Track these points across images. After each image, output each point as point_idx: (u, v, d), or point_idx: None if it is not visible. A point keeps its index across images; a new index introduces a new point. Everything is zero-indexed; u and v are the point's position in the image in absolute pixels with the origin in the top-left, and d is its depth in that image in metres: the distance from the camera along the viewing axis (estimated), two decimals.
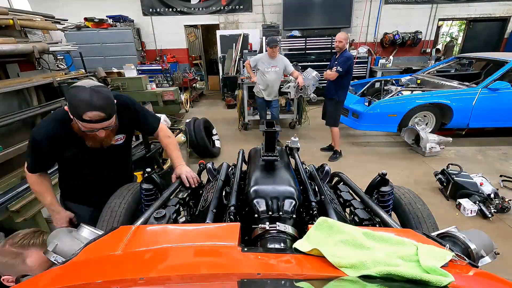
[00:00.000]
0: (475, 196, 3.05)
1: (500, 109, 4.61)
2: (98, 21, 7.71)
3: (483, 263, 0.79)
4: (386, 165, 4.17)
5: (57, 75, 3.35)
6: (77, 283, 0.64)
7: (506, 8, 8.38)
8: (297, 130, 5.90)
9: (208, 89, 10.48)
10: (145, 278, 0.63)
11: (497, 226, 2.82)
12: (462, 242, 0.79)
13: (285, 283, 0.61)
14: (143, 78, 4.46)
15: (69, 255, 0.79)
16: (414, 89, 5.20)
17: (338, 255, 0.66)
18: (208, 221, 1.06)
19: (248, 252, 0.71)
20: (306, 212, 1.16)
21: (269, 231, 0.94)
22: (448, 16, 8.63)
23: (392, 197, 1.40)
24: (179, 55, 9.15)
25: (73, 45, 4.09)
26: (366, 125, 4.85)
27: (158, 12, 8.61)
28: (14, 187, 2.18)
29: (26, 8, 4.15)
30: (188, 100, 7.82)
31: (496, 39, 8.85)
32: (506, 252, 2.34)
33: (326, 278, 0.63)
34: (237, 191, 1.24)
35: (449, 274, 0.59)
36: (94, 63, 6.99)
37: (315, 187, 1.38)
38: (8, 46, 2.77)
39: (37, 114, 3.06)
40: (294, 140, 1.81)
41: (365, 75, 8.26)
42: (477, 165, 4.08)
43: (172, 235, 0.84)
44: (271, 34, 7.90)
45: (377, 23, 8.57)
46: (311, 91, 5.12)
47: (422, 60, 8.80)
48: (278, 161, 1.28)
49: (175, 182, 1.51)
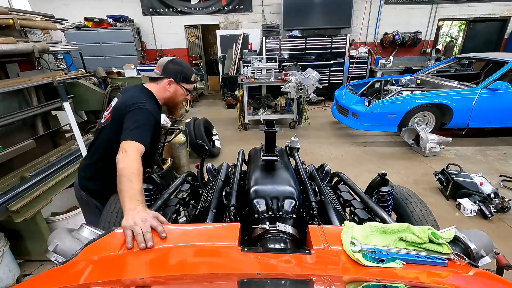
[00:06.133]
0: (475, 196, 3.05)
1: (500, 109, 4.61)
2: (98, 21, 7.70)
3: (483, 263, 0.79)
4: (386, 165, 4.17)
5: (57, 75, 3.35)
6: (77, 283, 0.64)
7: (506, 8, 8.38)
8: (297, 130, 5.90)
9: (208, 89, 10.48)
10: (145, 278, 0.63)
11: (497, 226, 2.82)
12: (462, 242, 0.79)
13: (285, 283, 0.61)
14: (143, 78, 4.45)
15: (69, 255, 0.79)
16: (414, 89, 5.20)
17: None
18: (208, 221, 1.06)
19: (248, 252, 0.71)
20: (306, 212, 1.16)
21: (269, 231, 0.94)
22: (448, 16, 8.63)
23: (392, 197, 1.40)
24: (179, 55, 9.13)
25: (73, 45, 4.09)
26: (366, 125, 4.85)
27: (158, 12, 8.61)
28: (14, 187, 2.18)
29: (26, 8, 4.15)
30: (188, 100, 7.82)
31: (496, 39, 8.85)
32: (506, 252, 2.33)
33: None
34: (237, 191, 1.24)
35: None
36: (94, 63, 6.97)
37: (315, 187, 1.39)
38: (8, 46, 2.76)
39: (37, 114, 3.06)
40: (294, 140, 1.81)
41: (365, 75, 8.27)
42: (477, 165, 4.08)
43: (172, 235, 0.84)
44: (271, 34, 7.91)
45: (377, 23, 8.57)
46: (311, 91, 5.12)
47: (422, 60, 8.80)
48: (278, 161, 1.28)
49: (175, 182, 1.50)
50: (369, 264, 0.67)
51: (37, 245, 2.29)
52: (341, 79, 8.12)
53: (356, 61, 8.13)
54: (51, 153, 2.92)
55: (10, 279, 2.16)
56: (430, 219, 1.33)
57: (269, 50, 7.85)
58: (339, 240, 0.77)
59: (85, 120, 4.27)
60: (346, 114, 5.18)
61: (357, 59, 8.12)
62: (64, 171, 2.51)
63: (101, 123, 1.58)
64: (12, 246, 2.20)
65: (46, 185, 2.27)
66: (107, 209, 1.40)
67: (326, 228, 0.85)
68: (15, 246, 2.25)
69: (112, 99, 1.63)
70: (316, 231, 0.82)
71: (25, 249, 2.32)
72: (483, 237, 0.83)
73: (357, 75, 8.26)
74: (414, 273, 0.66)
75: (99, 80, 4.18)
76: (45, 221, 2.28)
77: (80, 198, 1.71)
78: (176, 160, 3.89)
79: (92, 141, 1.66)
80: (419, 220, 1.32)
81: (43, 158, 2.80)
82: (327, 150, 4.81)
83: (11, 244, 2.18)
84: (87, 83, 3.89)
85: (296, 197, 1.07)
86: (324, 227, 0.84)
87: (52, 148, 3.26)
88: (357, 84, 6.19)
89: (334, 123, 6.18)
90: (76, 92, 3.79)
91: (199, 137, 4.18)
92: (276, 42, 7.80)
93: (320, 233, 0.81)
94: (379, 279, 0.61)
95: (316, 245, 0.76)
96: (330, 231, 0.83)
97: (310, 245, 0.78)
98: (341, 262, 0.70)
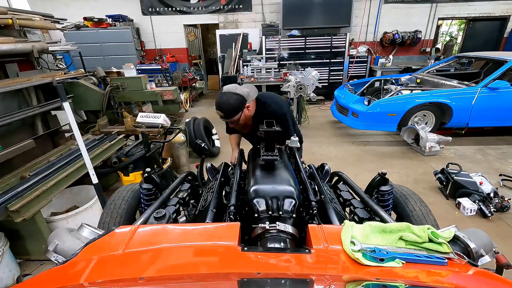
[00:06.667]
0: (474, 195, 3.05)
1: (500, 108, 4.61)
2: (98, 21, 7.69)
3: (483, 262, 0.79)
4: (386, 165, 4.17)
5: (56, 74, 3.35)
6: (77, 283, 0.64)
7: (506, 7, 8.37)
8: None
9: (208, 89, 10.47)
10: (145, 278, 0.63)
11: (497, 225, 2.82)
12: (462, 241, 0.79)
13: (285, 282, 0.61)
14: (142, 78, 4.43)
15: (69, 255, 0.79)
16: (414, 88, 5.20)
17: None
18: (208, 221, 1.06)
19: (248, 252, 0.72)
20: (306, 212, 1.16)
21: (269, 231, 0.94)
22: (448, 15, 8.62)
23: (392, 196, 1.40)
24: (179, 54, 9.13)
25: (72, 45, 4.09)
26: (365, 124, 4.85)
27: (158, 11, 8.60)
28: (14, 187, 2.18)
29: (25, 8, 4.13)
30: (188, 99, 7.80)
31: (495, 38, 8.85)
32: (505, 251, 2.34)
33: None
34: (237, 191, 1.24)
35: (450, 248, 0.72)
36: (94, 62, 6.97)
37: (315, 186, 1.39)
38: (7, 45, 2.76)
39: (37, 113, 3.06)
40: (294, 140, 1.81)
41: (365, 75, 8.27)
42: (476, 164, 4.08)
43: (172, 235, 0.84)
44: (270, 34, 7.89)
45: (376, 22, 8.57)
46: (311, 90, 5.12)
47: (421, 59, 8.81)
48: (278, 161, 1.28)
49: (175, 182, 1.51)
50: (369, 263, 0.67)
51: (37, 245, 2.28)
52: (340, 78, 8.12)
53: (355, 61, 8.12)
54: (50, 153, 2.92)
55: (10, 279, 2.16)
56: (429, 219, 1.33)
57: (269, 50, 7.84)
58: (339, 239, 0.77)
59: (84, 120, 4.27)
60: (346, 113, 5.17)
61: (357, 58, 8.12)
62: (64, 171, 2.51)
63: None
64: (12, 246, 2.20)
65: (46, 185, 2.26)
66: (106, 209, 1.40)
67: (326, 227, 0.85)
68: (15, 246, 2.25)
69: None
70: (316, 230, 0.82)
71: (25, 249, 2.32)
72: (483, 237, 0.84)
73: (356, 74, 8.25)
74: (414, 272, 0.66)
75: (99, 79, 4.18)
76: (45, 221, 2.28)
77: None
78: (176, 159, 3.89)
79: None
80: (418, 219, 1.32)
81: (42, 158, 2.80)
82: (327, 150, 4.81)
83: (11, 244, 2.18)
84: (86, 83, 3.89)
85: (296, 197, 1.07)
86: (324, 227, 0.84)
87: (52, 148, 3.26)
88: (356, 84, 6.18)
89: (334, 122, 6.18)
90: (76, 92, 3.79)
91: (199, 137, 4.17)
92: (275, 41, 7.79)
93: (320, 233, 0.81)
94: (379, 279, 0.61)
95: (316, 244, 0.76)
96: (330, 230, 0.83)
97: (310, 245, 0.78)
98: (341, 261, 0.70)
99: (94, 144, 3.08)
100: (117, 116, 4.21)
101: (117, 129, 3.65)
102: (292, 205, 1.04)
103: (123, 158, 3.18)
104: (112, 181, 3.65)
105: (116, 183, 3.68)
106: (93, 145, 3.05)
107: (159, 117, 3.57)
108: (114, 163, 3.11)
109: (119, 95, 4.27)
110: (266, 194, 1.06)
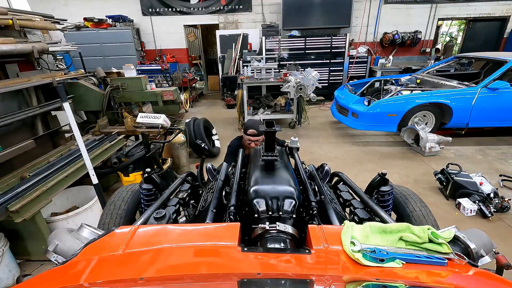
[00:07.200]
0: (474, 196, 3.05)
1: (500, 108, 4.61)
2: (98, 21, 7.69)
3: (483, 262, 0.79)
4: (386, 165, 4.17)
5: (56, 75, 3.34)
6: (77, 283, 0.64)
7: (506, 7, 8.38)
8: (297, 130, 5.90)
9: (208, 89, 10.47)
10: (145, 278, 0.63)
11: (497, 226, 2.82)
12: (462, 241, 0.79)
13: (285, 283, 0.61)
14: (142, 78, 4.43)
15: (69, 255, 0.79)
16: (414, 88, 5.20)
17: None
18: (208, 221, 1.06)
19: (248, 252, 0.71)
20: (306, 212, 1.16)
21: (269, 231, 0.94)
22: (448, 16, 8.63)
23: (392, 197, 1.40)
24: (179, 55, 9.14)
25: (72, 45, 4.09)
26: (365, 124, 4.85)
27: (158, 12, 8.60)
28: (14, 187, 2.18)
29: (25, 8, 4.13)
30: (188, 100, 7.80)
31: (495, 38, 8.86)
32: (505, 251, 2.34)
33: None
34: (237, 191, 1.24)
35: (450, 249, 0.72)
36: (94, 63, 6.98)
37: (315, 187, 1.38)
38: (8, 46, 2.76)
39: (37, 114, 3.06)
40: (294, 140, 1.81)
41: (365, 75, 8.27)
42: (476, 165, 4.08)
43: (172, 235, 0.84)
44: (270, 34, 7.90)
45: (376, 23, 8.58)
46: (311, 90, 5.12)
47: (421, 59, 8.81)
48: (278, 161, 1.28)
49: (175, 182, 1.51)
50: (369, 263, 0.67)
51: (37, 245, 2.28)
52: (340, 78, 8.12)
53: (355, 61, 8.13)
54: (50, 153, 2.92)
55: (10, 279, 2.16)
56: (430, 219, 1.33)
57: (269, 50, 7.85)
58: (339, 240, 0.77)
59: (84, 120, 4.27)
60: (346, 113, 5.18)
61: (357, 58, 8.12)
62: (64, 171, 2.51)
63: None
64: (12, 246, 2.19)
65: (46, 185, 2.27)
66: (106, 209, 1.40)
67: (326, 228, 0.84)
68: (15, 246, 2.25)
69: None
70: (316, 231, 0.82)
71: (25, 249, 2.32)
72: (483, 237, 0.84)
73: (356, 74, 8.26)
74: (414, 273, 0.66)
75: (99, 80, 4.18)
76: (45, 221, 2.28)
77: None
78: (176, 160, 3.90)
79: None
80: (418, 219, 1.32)
81: (42, 158, 2.81)
82: (326, 150, 4.81)
83: (11, 244, 2.18)
84: (86, 83, 3.89)
85: (296, 197, 1.07)
86: (324, 227, 0.84)
87: (52, 148, 3.26)
88: (356, 84, 6.19)
89: (334, 122, 6.19)
90: (76, 92, 3.79)
91: (199, 137, 4.17)
92: (275, 42, 7.80)
93: (320, 233, 0.81)
94: (379, 279, 0.61)
95: (316, 245, 0.76)
96: (330, 231, 0.83)
97: (310, 245, 0.78)
98: (341, 262, 0.70)
99: (94, 145, 3.08)
100: (117, 116, 4.21)
101: (117, 129, 3.65)
102: (292, 205, 1.04)
103: (123, 158, 3.18)
104: (112, 182, 3.65)
105: (116, 183, 3.69)
106: (93, 146, 3.05)
107: (159, 117, 3.58)
108: (114, 164, 3.11)
109: (119, 95, 4.27)
110: (266, 195, 1.06)
